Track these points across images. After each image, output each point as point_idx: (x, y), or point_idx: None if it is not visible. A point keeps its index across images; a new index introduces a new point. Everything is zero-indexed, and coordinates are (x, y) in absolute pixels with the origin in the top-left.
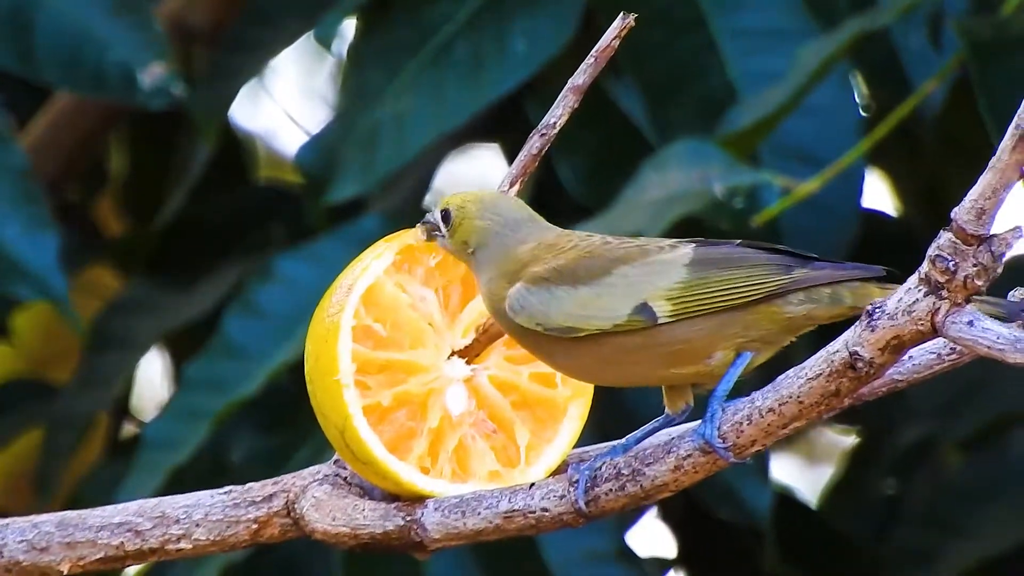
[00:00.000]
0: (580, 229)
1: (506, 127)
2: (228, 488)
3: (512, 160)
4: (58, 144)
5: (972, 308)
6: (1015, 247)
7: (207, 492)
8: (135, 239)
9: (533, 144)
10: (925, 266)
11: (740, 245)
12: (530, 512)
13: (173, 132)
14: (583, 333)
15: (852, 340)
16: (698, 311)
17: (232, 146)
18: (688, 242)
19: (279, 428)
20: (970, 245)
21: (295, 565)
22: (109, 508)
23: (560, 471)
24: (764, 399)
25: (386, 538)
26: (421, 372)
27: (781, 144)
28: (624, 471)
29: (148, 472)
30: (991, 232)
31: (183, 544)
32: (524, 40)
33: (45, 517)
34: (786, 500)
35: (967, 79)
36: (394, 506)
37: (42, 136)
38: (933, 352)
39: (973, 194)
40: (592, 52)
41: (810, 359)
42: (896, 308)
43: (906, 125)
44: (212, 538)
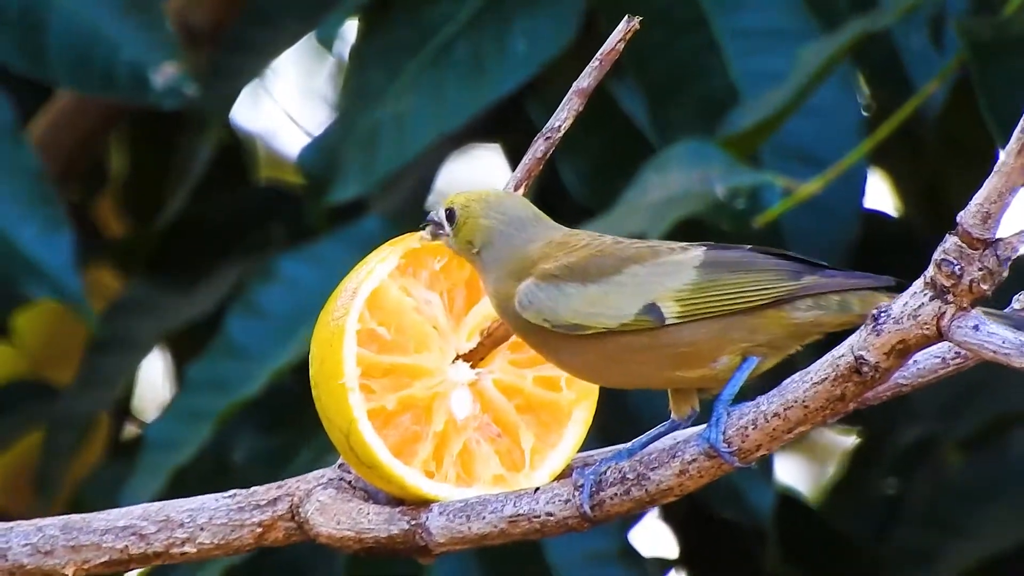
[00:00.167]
0: (582, 230)
1: (507, 127)
2: (232, 492)
3: (513, 160)
4: (58, 144)
5: (978, 312)
6: (1021, 251)
7: (211, 496)
8: (135, 239)
9: (537, 148)
10: (931, 270)
11: (751, 250)
12: (535, 516)
13: (173, 132)
14: (590, 331)
15: (857, 344)
16: (706, 313)
17: (233, 146)
18: (699, 245)
19: (281, 428)
20: (976, 249)
21: (298, 567)
22: (113, 512)
23: (565, 475)
24: (769, 404)
25: (391, 542)
26: (426, 376)
27: (782, 144)
28: (629, 475)
29: (151, 473)
30: (997, 236)
31: (187, 548)
32: (525, 40)
33: (49, 521)
34: (787, 500)
35: (968, 79)
36: (399, 510)
37: (43, 136)
38: (938, 356)
39: (979, 198)
40: (596, 56)
41: (815, 363)
42: (901, 312)
43: (907, 125)
44: (216, 542)
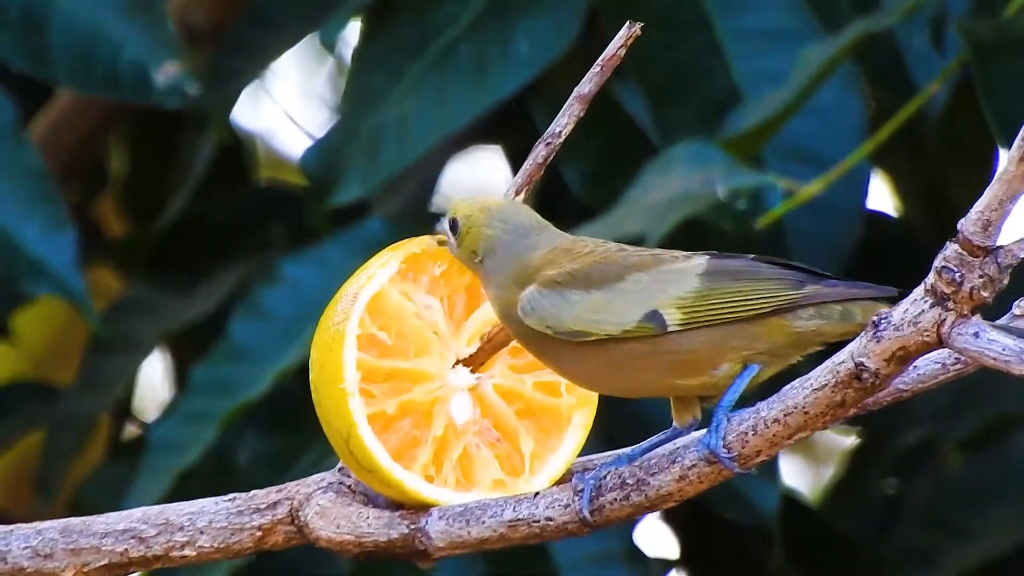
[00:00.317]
0: (583, 231)
1: (509, 129)
2: (232, 495)
3: (515, 162)
4: (59, 144)
5: (978, 319)
6: (1022, 258)
7: (211, 499)
8: (136, 239)
9: (539, 153)
10: (931, 277)
11: (754, 259)
12: (534, 521)
13: (174, 132)
14: (592, 338)
15: (857, 351)
16: (708, 321)
17: (233, 146)
18: (703, 254)
19: (284, 431)
20: (976, 257)
21: (299, 571)
22: (113, 515)
23: (564, 480)
24: (769, 410)
25: (390, 546)
26: (426, 381)
27: (784, 145)
28: (629, 481)
29: (154, 476)
30: (997, 244)
31: (187, 551)
32: (527, 42)
33: (49, 524)
34: (788, 500)
35: (970, 80)
36: (398, 514)
37: (43, 136)
38: (938, 362)
39: (979, 205)
40: (598, 61)
41: (815, 370)
42: (902, 319)
43: (908, 125)
44: (216, 545)
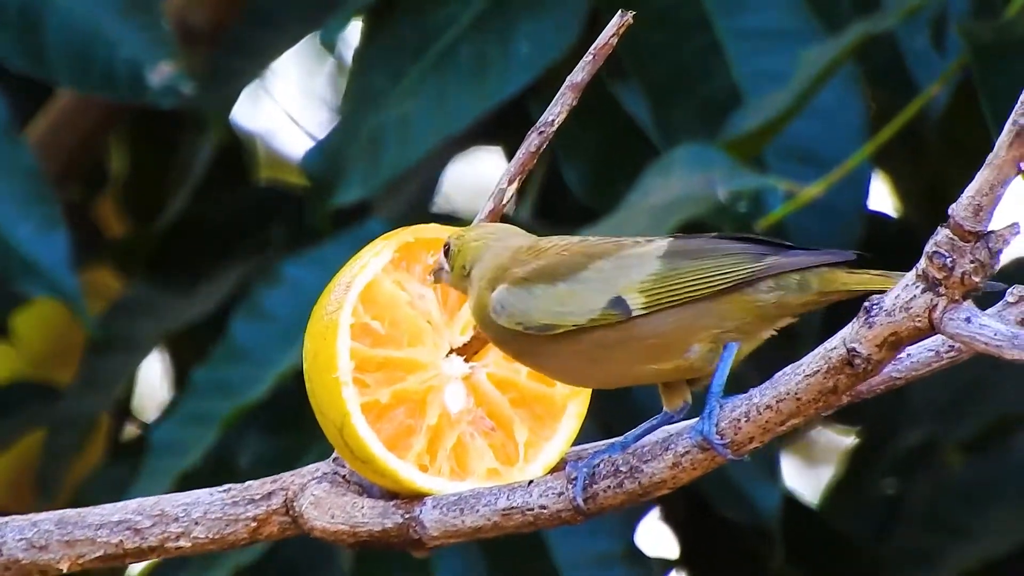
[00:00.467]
0: (584, 234)
1: (510, 130)
2: (227, 486)
3: None
4: (59, 144)
5: (969, 304)
6: (1012, 244)
7: (206, 490)
8: (136, 240)
9: (532, 141)
10: (922, 263)
11: (716, 237)
12: (528, 509)
13: (174, 132)
14: (561, 330)
15: (849, 337)
16: (671, 302)
17: (233, 147)
18: (666, 236)
19: (285, 432)
20: (967, 242)
21: (305, 567)
22: (108, 506)
23: (558, 468)
24: (762, 396)
25: (385, 535)
26: (420, 370)
27: (785, 146)
28: (622, 468)
29: (155, 477)
30: (989, 229)
31: (182, 542)
32: (528, 43)
33: (44, 515)
34: (788, 500)
35: (970, 81)
36: (393, 504)
37: (43, 136)
38: (932, 349)
39: (970, 191)
40: (590, 49)
41: (808, 356)
42: (893, 305)
43: (909, 126)
44: (211, 536)
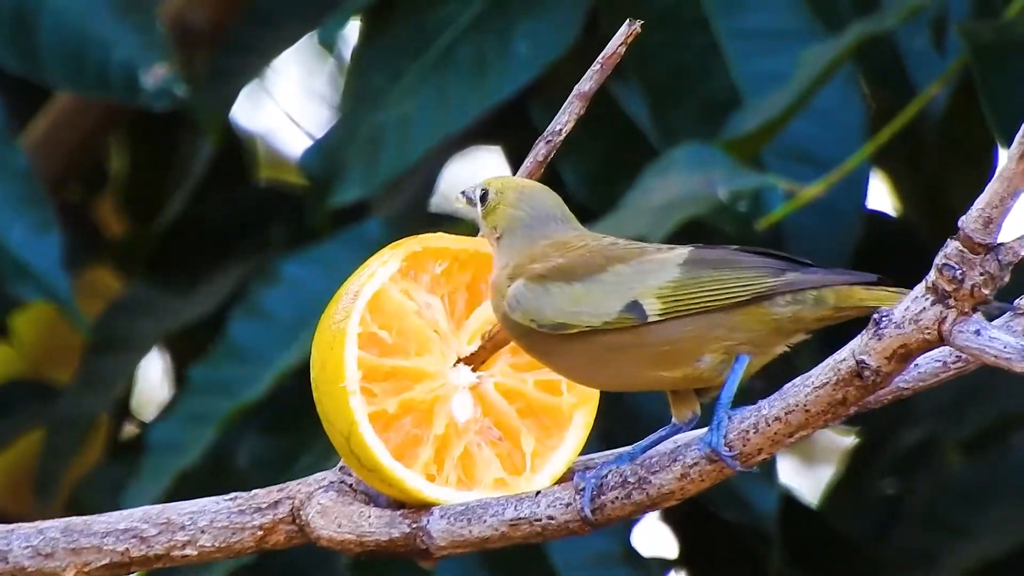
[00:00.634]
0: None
1: (509, 130)
2: (234, 495)
3: (515, 162)
4: (58, 144)
5: (979, 317)
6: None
7: (212, 499)
8: (135, 240)
9: (539, 151)
10: (932, 275)
11: (736, 250)
12: (536, 520)
13: (173, 132)
14: (574, 330)
15: (859, 349)
16: (688, 310)
17: (233, 147)
18: (688, 246)
19: (284, 431)
20: (977, 254)
21: (301, 571)
22: (115, 514)
23: (566, 479)
24: (771, 408)
25: (391, 545)
26: (427, 379)
27: (785, 147)
28: (630, 479)
29: (154, 476)
30: (998, 241)
31: (188, 551)
32: (527, 42)
33: (50, 523)
34: (788, 500)
35: (970, 82)
36: (400, 513)
37: (42, 136)
38: (939, 360)
39: (980, 203)
40: (598, 59)
41: (817, 368)
42: (903, 317)
43: (909, 127)
44: (217, 544)
